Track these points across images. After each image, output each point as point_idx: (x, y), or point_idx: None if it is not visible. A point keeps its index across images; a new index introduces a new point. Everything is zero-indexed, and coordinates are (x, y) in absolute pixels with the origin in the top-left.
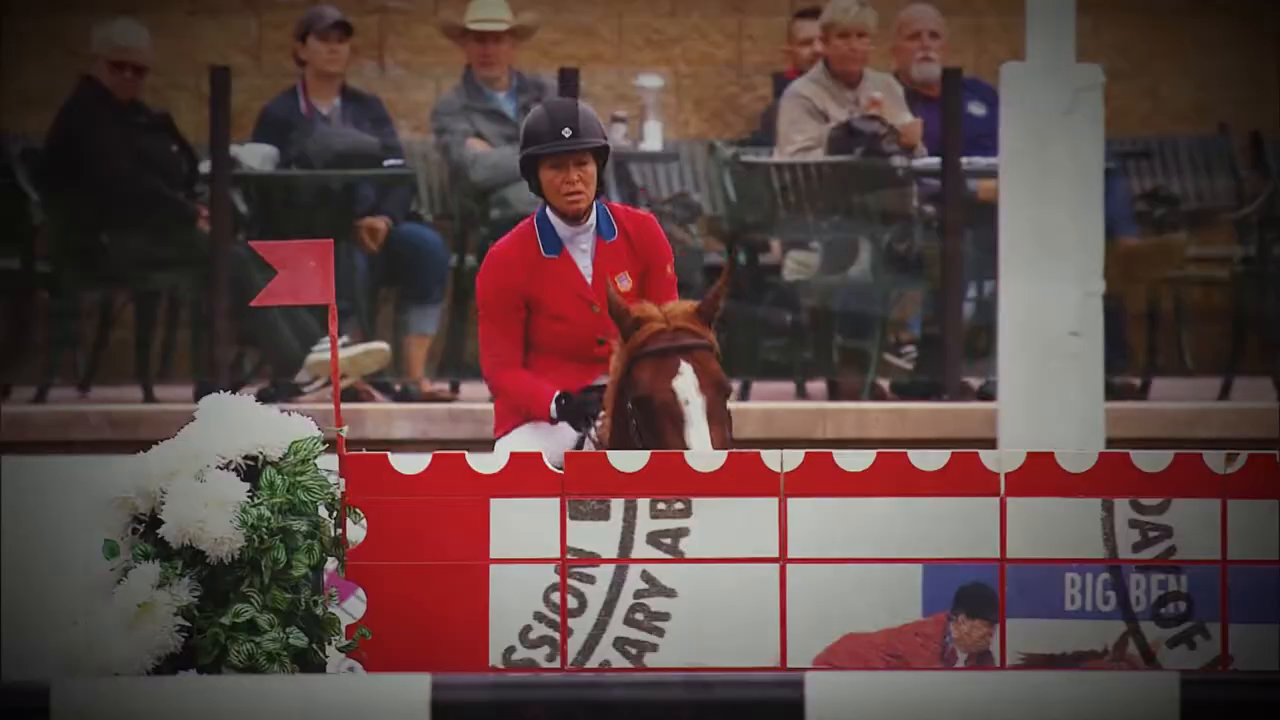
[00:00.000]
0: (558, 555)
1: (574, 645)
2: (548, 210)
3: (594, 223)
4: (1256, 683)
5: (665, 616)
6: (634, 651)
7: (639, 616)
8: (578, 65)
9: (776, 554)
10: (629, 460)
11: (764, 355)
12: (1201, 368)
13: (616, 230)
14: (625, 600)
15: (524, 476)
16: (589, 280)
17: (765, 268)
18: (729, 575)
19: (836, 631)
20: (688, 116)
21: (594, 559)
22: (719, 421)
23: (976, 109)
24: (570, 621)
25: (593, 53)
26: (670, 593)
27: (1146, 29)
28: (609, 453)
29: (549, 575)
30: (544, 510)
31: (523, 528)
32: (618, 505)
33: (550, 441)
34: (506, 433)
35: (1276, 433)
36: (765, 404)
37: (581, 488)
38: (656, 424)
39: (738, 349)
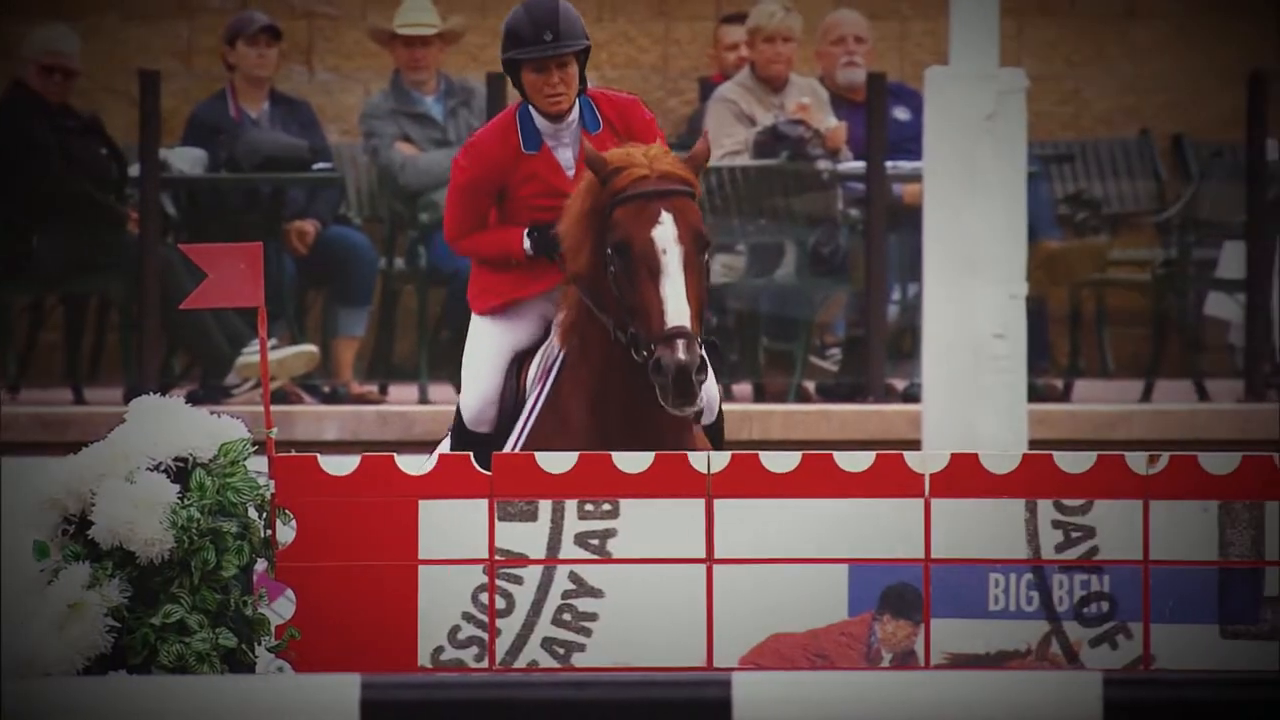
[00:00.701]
0: (486, 556)
1: (502, 645)
2: (530, 107)
3: (576, 117)
4: (1178, 682)
5: (593, 617)
6: (562, 651)
7: (567, 617)
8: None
9: (703, 555)
10: (557, 461)
11: None
12: (1123, 370)
13: (601, 121)
14: (553, 601)
15: (452, 478)
16: (570, 174)
17: None
18: (656, 576)
19: (763, 632)
20: None
21: (522, 560)
22: (695, 272)
23: (901, 114)
24: (498, 622)
25: None
26: (598, 593)
27: (1069, 34)
28: (537, 454)
29: (477, 576)
30: (472, 511)
31: (451, 529)
32: (545, 506)
33: (521, 324)
34: (485, 311)
35: (1197, 434)
36: None
37: (509, 489)
38: (634, 274)
39: None
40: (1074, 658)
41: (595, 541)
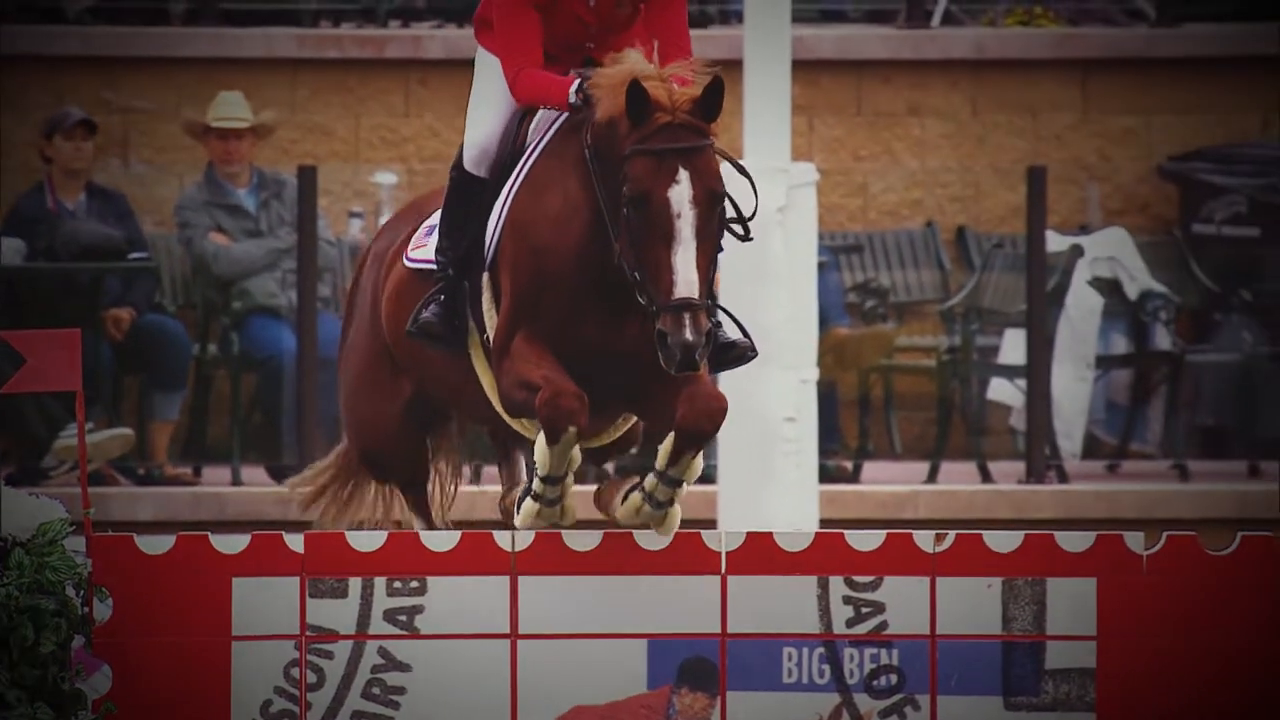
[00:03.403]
0: (297, 632)
1: (313, 718)
2: None
3: None
4: None
5: (401, 691)
6: None
7: (376, 691)
8: (316, 163)
9: (508, 630)
10: (366, 540)
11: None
12: (910, 452)
13: None
14: (363, 675)
15: (265, 556)
16: (591, 4)
17: None
18: (462, 651)
19: (565, 704)
20: None
21: (332, 635)
22: (708, 238)
23: None
24: (309, 695)
25: (330, 150)
26: (406, 667)
27: (857, 130)
28: (348, 533)
29: (289, 651)
30: (284, 588)
31: (263, 605)
32: (355, 583)
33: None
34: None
35: (981, 513)
36: (497, 487)
37: (320, 567)
38: (648, 232)
39: (472, 434)
40: None
41: (404, 617)
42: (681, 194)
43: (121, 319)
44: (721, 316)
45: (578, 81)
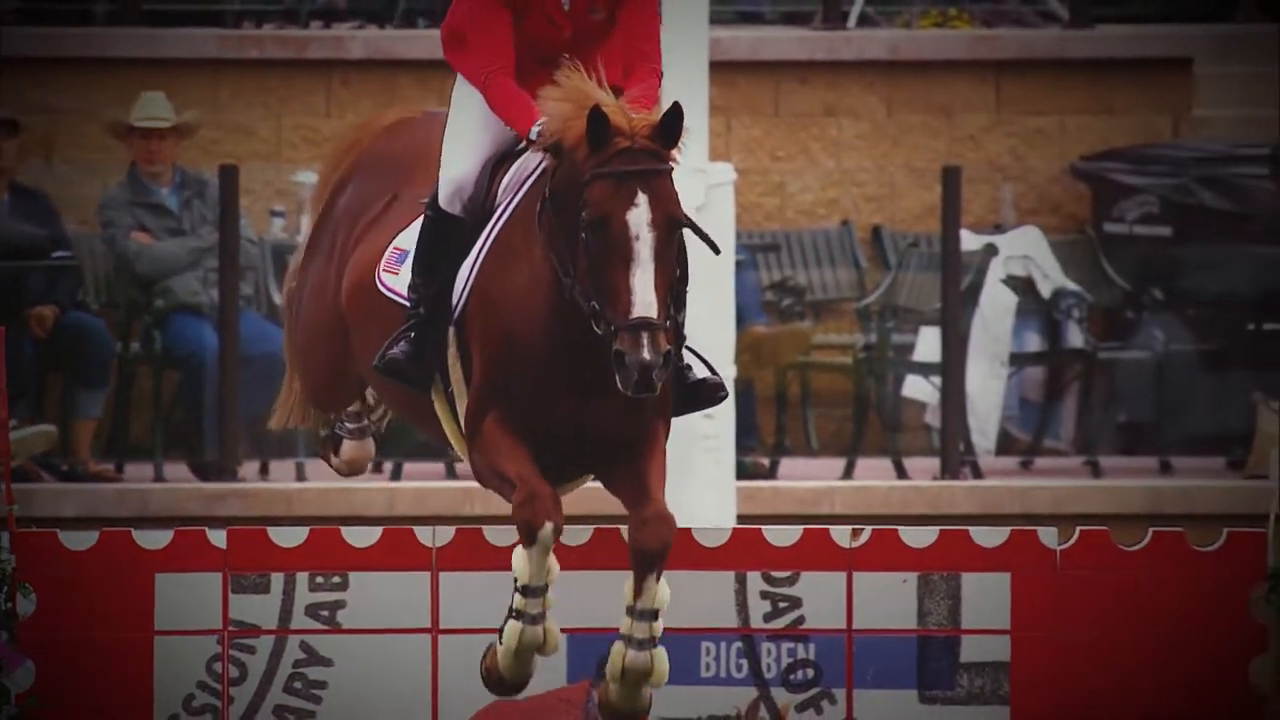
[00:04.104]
0: (220, 627)
1: (235, 713)
2: None
3: None
4: None
5: (323, 685)
6: (293, 718)
7: (298, 685)
8: (237, 162)
9: (429, 625)
10: (288, 536)
11: (416, 436)
12: (826, 448)
13: None
14: (285, 670)
15: (187, 552)
16: (566, 8)
17: None
18: (383, 645)
19: (486, 698)
20: None
21: (255, 630)
22: (666, 262)
23: None
24: (232, 690)
25: (251, 150)
26: (328, 662)
27: (774, 131)
28: (270, 529)
29: (211, 646)
30: (206, 584)
31: (186, 601)
32: (278, 579)
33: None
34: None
35: (896, 509)
36: (417, 483)
37: (242, 562)
38: (606, 255)
39: (392, 431)
40: None
41: (325, 613)
42: (640, 217)
43: (45, 317)
44: (690, 357)
45: (540, 124)
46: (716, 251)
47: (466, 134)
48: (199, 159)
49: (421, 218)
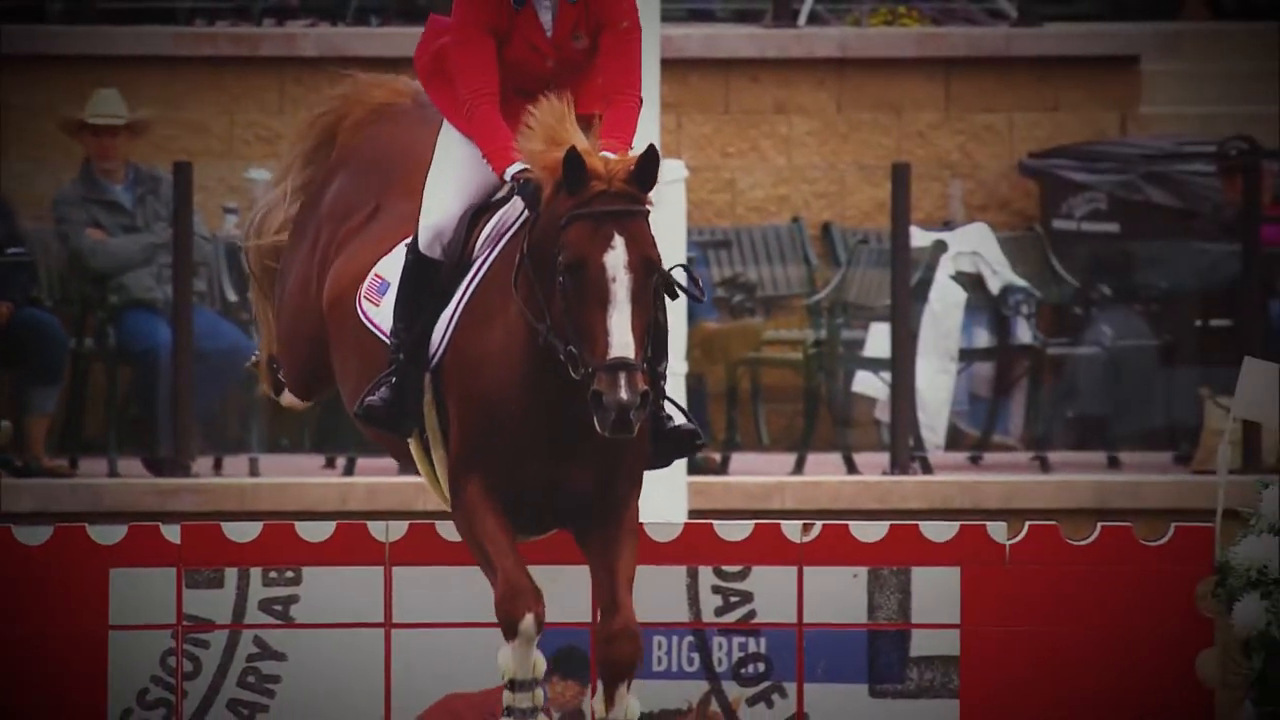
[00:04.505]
0: (173, 622)
1: (189, 707)
2: None
3: None
4: None
5: (276, 679)
6: (246, 713)
7: (251, 679)
8: (191, 159)
9: (382, 620)
10: (242, 531)
11: None
12: (777, 443)
13: None
14: (238, 664)
15: (141, 547)
16: (549, 34)
17: None
18: (338, 640)
19: (439, 692)
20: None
21: (208, 625)
22: (643, 304)
23: None
24: (185, 684)
25: (205, 147)
26: (281, 657)
27: (725, 128)
28: (224, 524)
29: (165, 641)
30: (160, 579)
31: (140, 596)
32: (231, 574)
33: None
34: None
35: (846, 504)
36: (370, 479)
37: (196, 558)
38: (583, 297)
39: (345, 425)
40: (732, 716)
41: (279, 607)
42: (617, 259)
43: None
44: (669, 407)
45: (517, 168)
46: (699, 299)
47: (448, 180)
48: (153, 156)
49: (402, 244)
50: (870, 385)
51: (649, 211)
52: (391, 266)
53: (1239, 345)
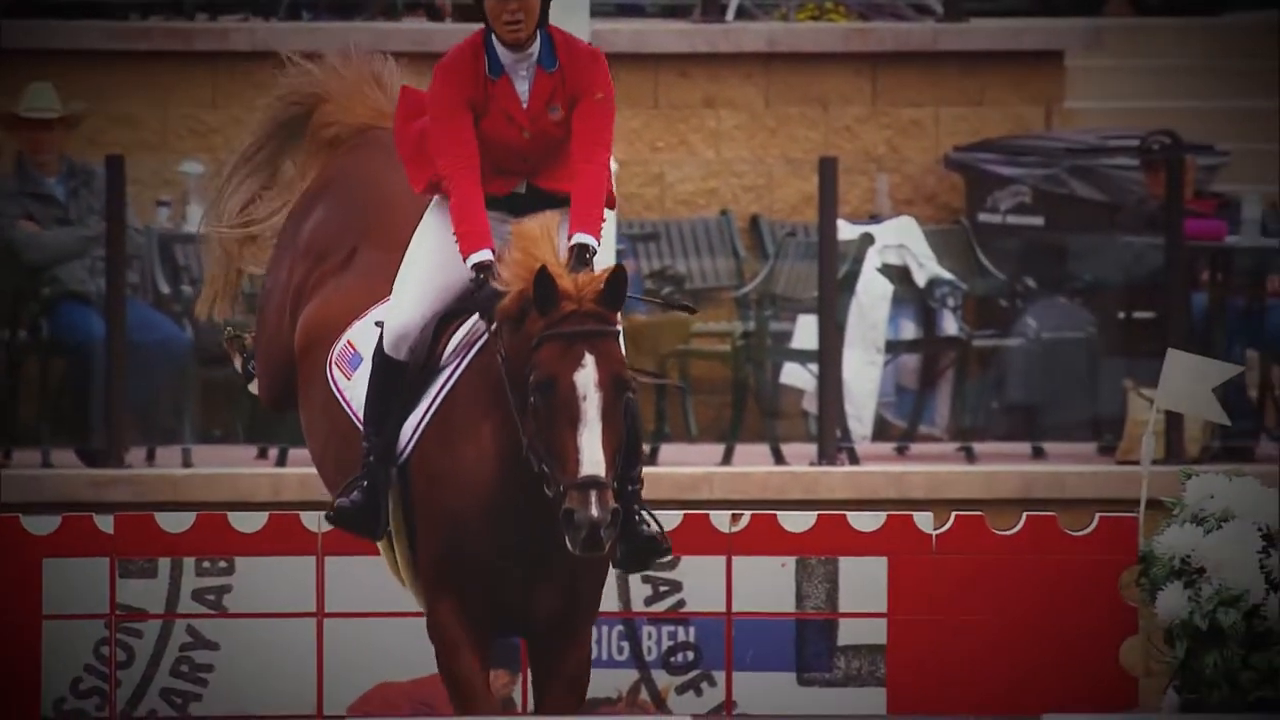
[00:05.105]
0: (107, 611)
1: (122, 696)
2: (493, 36)
3: (536, 51)
4: None
5: (209, 668)
6: (179, 701)
7: (184, 668)
8: (124, 152)
9: (314, 609)
10: (175, 521)
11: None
12: (706, 434)
13: (558, 62)
14: (171, 653)
15: (75, 537)
16: (524, 105)
17: None
18: (270, 629)
19: (371, 681)
20: None
21: (142, 614)
22: (613, 423)
23: None
24: (119, 673)
25: (138, 141)
26: (214, 646)
27: (654, 122)
28: (157, 515)
29: (99, 630)
30: (94, 569)
31: (74, 585)
32: (164, 564)
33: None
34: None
35: (774, 494)
36: (303, 469)
37: (130, 548)
38: (554, 416)
39: (277, 417)
40: (661, 704)
41: (212, 597)
42: (587, 377)
43: None
44: (644, 514)
45: (483, 259)
46: (692, 311)
47: (418, 280)
48: (86, 149)
49: (377, 309)
50: (798, 377)
51: (619, 332)
52: (364, 338)
53: (1163, 337)
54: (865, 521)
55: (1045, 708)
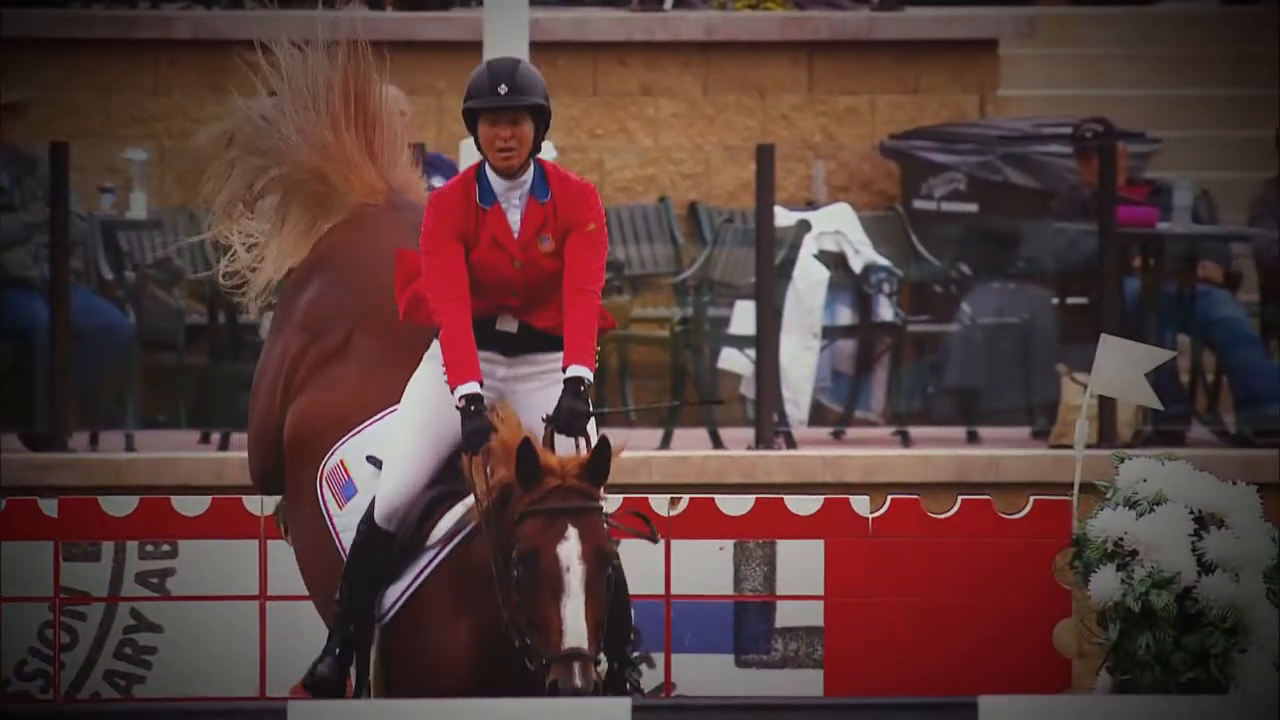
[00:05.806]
0: (51, 594)
1: (66, 678)
2: (486, 165)
3: (529, 181)
4: (699, 707)
5: (153, 651)
6: (123, 684)
7: (128, 651)
8: (67, 140)
9: (257, 592)
10: (119, 505)
11: (241, 407)
12: (644, 419)
13: (550, 193)
14: (115, 636)
15: (19, 521)
16: (515, 235)
17: (245, 327)
18: (213, 612)
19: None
20: (171, 188)
21: (85, 597)
22: (596, 595)
23: (438, 182)
24: (63, 656)
25: (81, 128)
26: (157, 629)
27: (592, 110)
28: (100, 498)
29: (43, 613)
30: (38, 552)
31: (18, 568)
32: (108, 547)
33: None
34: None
35: (712, 478)
36: (245, 453)
37: (73, 531)
38: (537, 588)
39: (220, 401)
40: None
41: (155, 580)
42: (570, 550)
43: None
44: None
45: (470, 391)
46: (655, 541)
47: (413, 451)
48: (29, 137)
49: (373, 424)
50: (735, 362)
51: (602, 508)
52: (357, 463)
53: (1096, 323)
54: (802, 505)
55: (980, 689)
